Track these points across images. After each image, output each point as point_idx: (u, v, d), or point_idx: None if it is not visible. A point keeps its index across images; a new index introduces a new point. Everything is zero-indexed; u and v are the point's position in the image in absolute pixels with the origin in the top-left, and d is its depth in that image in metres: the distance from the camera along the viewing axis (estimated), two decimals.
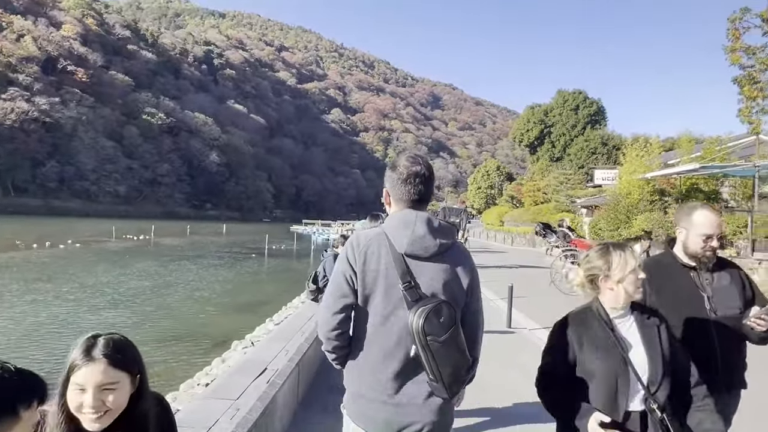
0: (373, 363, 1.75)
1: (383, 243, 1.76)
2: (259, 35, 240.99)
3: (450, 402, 1.79)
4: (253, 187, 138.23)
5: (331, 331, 1.79)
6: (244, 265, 25.64)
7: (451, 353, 1.68)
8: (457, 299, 1.77)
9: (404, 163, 1.83)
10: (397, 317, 1.72)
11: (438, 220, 1.83)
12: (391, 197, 1.88)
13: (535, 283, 15.23)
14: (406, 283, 1.70)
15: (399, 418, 1.72)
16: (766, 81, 16.00)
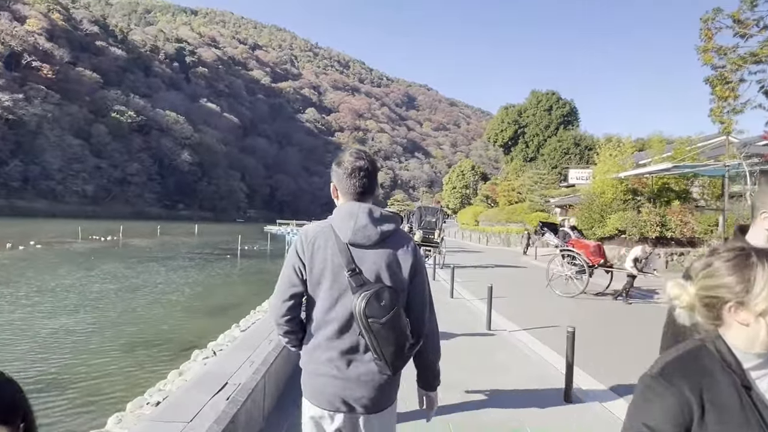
0: (325, 344, 1.90)
1: (329, 235, 1.91)
2: (233, 33, 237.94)
3: (394, 378, 1.94)
4: (226, 186, 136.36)
5: (281, 317, 1.96)
6: (215, 267, 24.98)
7: (392, 334, 1.82)
8: (400, 283, 1.90)
9: (349, 159, 1.96)
10: (344, 302, 1.87)
11: (379, 210, 1.95)
12: (339, 191, 2.00)
13: (513, 283, 15.11)
14: (350, 271, 1.85)
15: (347, 392, 1.88)
16: (737, 81, 16.17)
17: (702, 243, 20.28)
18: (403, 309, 1.90)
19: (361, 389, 1.88)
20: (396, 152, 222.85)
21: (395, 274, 1.90)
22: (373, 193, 2.01)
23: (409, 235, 2.10)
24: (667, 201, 22.75)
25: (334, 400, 1.89)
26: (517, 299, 11.45)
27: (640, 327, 8.97)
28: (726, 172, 19.28)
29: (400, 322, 1.84)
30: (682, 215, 20.16)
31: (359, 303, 1.79)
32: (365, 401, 1.89)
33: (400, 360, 1.88)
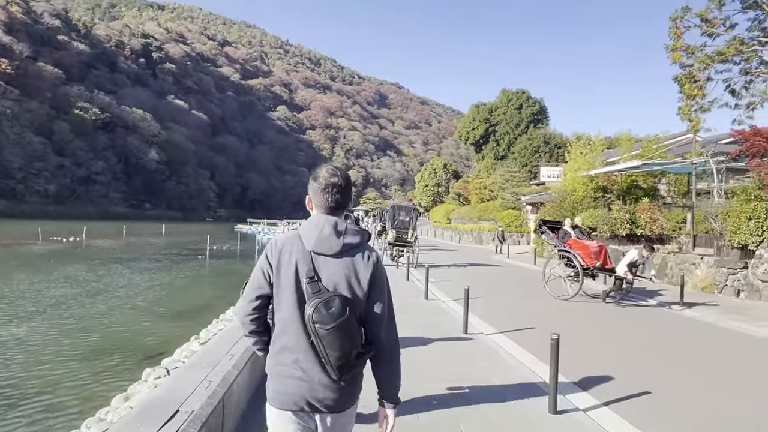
0: (287, 347, 1.98)
1: (296, 242, 2.02)
2: (201, 29, 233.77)
3: (355, 381, 2.03)
4: (195, 185, 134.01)
5: (246, 317, 2.05)
6: (182, 268, 24.24)
7: (338, 341, 1.89)
8: (356, 293, 1.99)
9: (324, 175, 2.07)
10: (304, 307, 1.94)
11: (345, 224, 2.04)
12: (313, 203, 2.10)
13: (488, 282, 14.93)
14: (308, 278, 1.95)
15: (312, 393, 1.96)
16: (704, 80, 16.32)
17: (671, 240, 20.52)
18: (359, 319, 2.00)
19: (325, 391, 1.96)
20: (368, 150, 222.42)
21: (353, 284, 1.99)
22: (345, 208, 2.11)
23: (373, 249, 2.13)
24: (636, 198, 22.97)
25: (300, 401, 1.97)
26: (493, 299, 11.25)
27: (623, 330, 8.85)
28: (693, 170, 19.54)
29: (348, 330, 1.92)
30: (651, 212, 20.34)
31: (309, 310, 1.90)
32: (328, 402, 1.98)
33: (345, 366, 1.94)
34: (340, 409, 2.02)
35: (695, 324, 9.55)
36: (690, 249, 16.13)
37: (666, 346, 7.46)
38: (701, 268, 14.49)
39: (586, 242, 12.28)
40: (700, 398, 5.09)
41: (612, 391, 5.04)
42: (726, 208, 14.59)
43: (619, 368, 6.04)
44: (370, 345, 2.04)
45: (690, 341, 7.91)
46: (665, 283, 15.68)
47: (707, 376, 5.95)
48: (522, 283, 15.51)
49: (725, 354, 7.16)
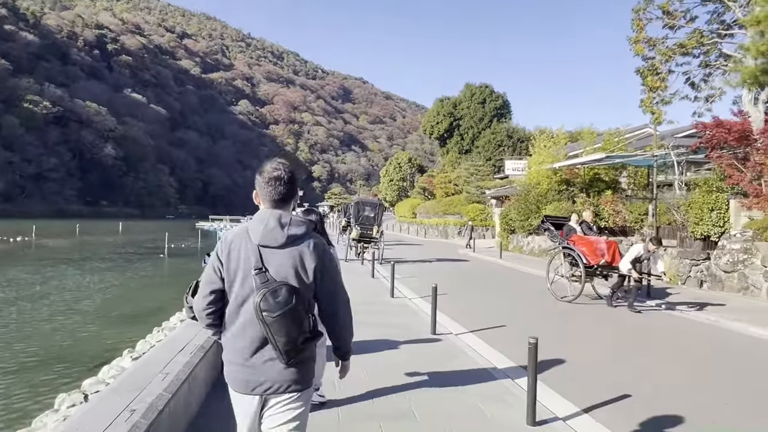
0: (236, 335, 2.12)
1: (244, 237, 2.13)
2: (159, 20, 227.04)
3: (302, 366, 2.13)
4: (154, 181, 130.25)
5: (202, 311, 2.19)
6: (137, 268, 23.18)
7: (285, 327, 2.01)
8: (303, 281, 2.10)
9: (268, 169, 2.17)
10: (251, 297, 2.06)
11: (290, 216, 2.14)
12: (259, 197, 2.20)
13: (456, 278, 14.59)
14: (257, 270, 2.05)
15: (253, 377, 2.09)
16: (666, 72, 16.37)
17: (633, 232, 20.70)
18: (306, 306, 2.11)
19: (264, 374, 2.08)
20: (333, 145, 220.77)
21: (300, 273, 2.10)
22: (290, 201, 2.21)
23: (318, 238, 2.22)
24: (599, 191, 23.14)
25: (245, 385, 2.11)
26: (462, 296, 10.90)
27: (605, 331, 8.60)
28: (654, 162, 19.71)
29: (294, 317, 2.03)
30: (614, 205, 20.47)
31: (256, 299, 2.01)
32: (269, 384, 2.09)
33: (293, 351, 2.05)
34: (290, 391, 2.13)
35: (696, 325, 9.42)
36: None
37: (640, 343, 7.24)
38: (665, 259, 14.50)
39: (592, 238, 11.06)
40: (682, 399, 4.81)
41: (593, 397, 4.70)
42: (688, 200, 14.68)
43: (595, 370, 5.74)
44: (317, 331, 2.14)
45: (677, 341, 7.72)
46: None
47: (688, 376, 5.71)
48: (490, 278, 15.27)
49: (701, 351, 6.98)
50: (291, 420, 2.15)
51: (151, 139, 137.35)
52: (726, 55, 15.90)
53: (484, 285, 13.50)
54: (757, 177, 12.59)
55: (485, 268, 18.10)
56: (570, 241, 10.89)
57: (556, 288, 11.17)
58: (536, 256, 22.15)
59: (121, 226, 58.85)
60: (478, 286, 13.10)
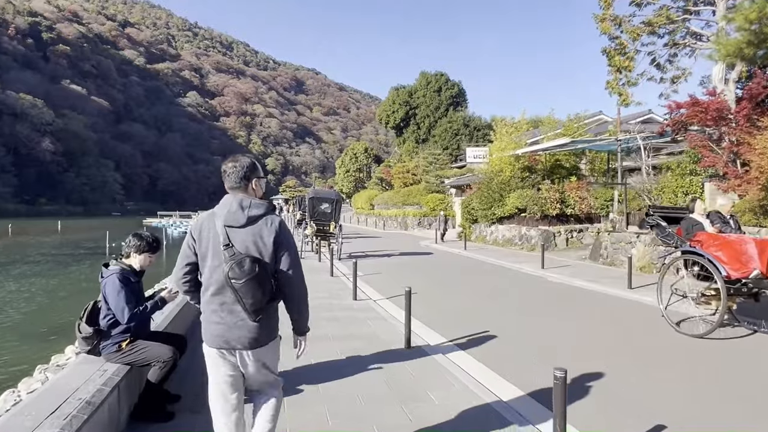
0: (211, 299, 2.62)
1: (212, 219, 2.65)
2: (98, 8, 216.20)
3: (267, 323, 2.64)
4: (98, 177, 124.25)
5: (179, 280, 2.73)
6: (70, 273, 21.14)
7: (250, 291, 2.50)
8: (264, 254, 2.60)
9: (226, 162, 2.74)
10: (221, 268, 2.55)
11: (249, 200, 2.65)
12: (226, 184, 2.72)
13: (423, 274, 13.35)
14: (225, 246, 2.55)
15: (228, 334, 2.59)
16: (634, 51, 15.75)
17: (599, 218, 20.22)
18: (269, 273, 2.60)
19: (238, 331, 2.59)
20: (286, 137, 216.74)
21: (260, 247, 2.60)
22: (242, 186, 2.69)
23: (276, 217, 2.70)
24: (560, 178, 22.64)
25: (221, 341, 2.61)
26: (434, 296, 9.79)
27: (605, 326, 7.67)
28: (617, 147, 19.23)
29: (259, 282, 2.51)
30: (580, 191, 19.93)
31: (226, 268, 2.51)
32: (243, 340, 2.60)
33: (259, 310, 2.56)
34: (259, 345, 2.65)
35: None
36: (624, 227, 15.61)
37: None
38: (638, 247, 13.90)
39: (732, 236, 6.96)
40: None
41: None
42: (660, 184, 14.10)
43: (642, 392, 4.75)
44: (284, 294, 2.71)
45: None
46: (601, 264, 15.05)
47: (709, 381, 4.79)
48: (460, 272, 14.28)
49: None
50: (263, 366, 2.71)
51: (94, 132, 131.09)
52: (694, 33, 15.40)
53: (454, 281, 12.49)
54: (733, 158, 12.06)
55: (452, 260, 17.14)
56: (695, 242, 7.16)
57: (675, 315, 7.43)
58: (500, 246, 21.43)
59: (60, 224, 55.34)
60: (449, 283, 12.07)
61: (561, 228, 19.21)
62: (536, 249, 19.03)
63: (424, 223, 34.69)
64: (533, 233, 19.58)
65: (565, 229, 19.25)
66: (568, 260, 15.86)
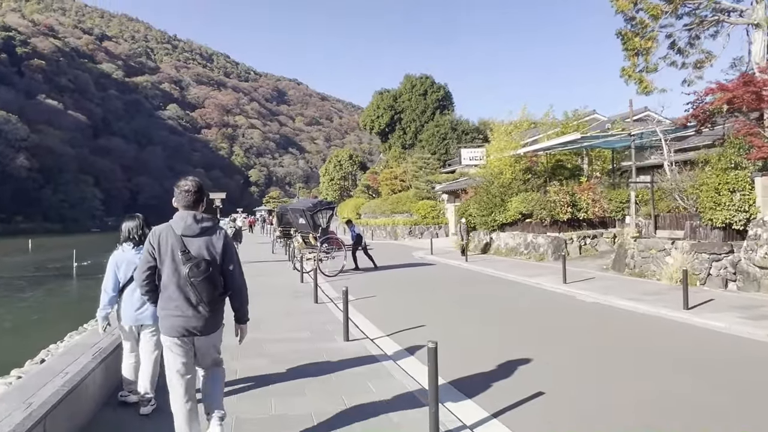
0: (171, 296, 3.25)
1: (170, 230, 3.30)
2: (75, 22, 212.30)
3: (216, 314, 3.38)
4: (76, 193, 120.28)
5: (141, 282, 3.35)
6: (22, 299, 18.64)
7: (206, 287, 3.20)
8: (214, 257, 3.30)
9: (182, 183, 3.43)
10: (179, 270, 3.21)
11: (201, 215, 3.37)
12: (177, 203, 3.40)
13: (429, 295, 10.97)
14: (182, 252, 3.22)
15: (188, 324, 3.26)
16: (657, 29, 13.84)
17: (614, 223, 18.27)
18: (219, 272, 3.32)
19: (195, 321, 3.26)
20: (269, 148, 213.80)
21: (212, 251, 3.31)
22: (198, 205, 3.40)
23: (222, 228, 3.49)
24: (563, 179, 20.75)
25: (181, 330, 3.26)
26: (451, 332, 7.63)
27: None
28: (631, 142, 17.33)
29: (212, 280, 3.23)
30: (592, 193, 17.97)
31: (185, 269, 3.18)
32: (199, 328, 3.28)
33: (212, 302, 3.27)
34: (209, 332, 3.37)
35: None
36: (652, 232, 13.62)
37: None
38: (674, 255, 11.89)
39: None
40: None
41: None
42: (698, 181, 12.12)
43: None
44: (230, 289, 3.43)
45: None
46: (627, 275, 13.02)
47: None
48: (472, 292, 12.13)
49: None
50: (213, 348, 3.50)
51: (71, 147, 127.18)
52: (722, 10, 13.54)
53: (470, 304, 10.31)
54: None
55: (456, 275, 15.00)
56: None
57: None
58: (503, 255, 19.36)
59: (32, 243, 52.21)
60: (464, 308, 9.90)
61: (573, 234, 17.23)
62: (545, 258, 17.01)
63: (416, 232, 32.57)
64: (541, 241, 17.56)
65: (577, 235, 17.27)
66: (588, 271, 13.83)
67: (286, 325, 7.79)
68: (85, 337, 5.74)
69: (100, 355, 4.59)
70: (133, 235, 4.46)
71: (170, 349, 3.29)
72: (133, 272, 4.02)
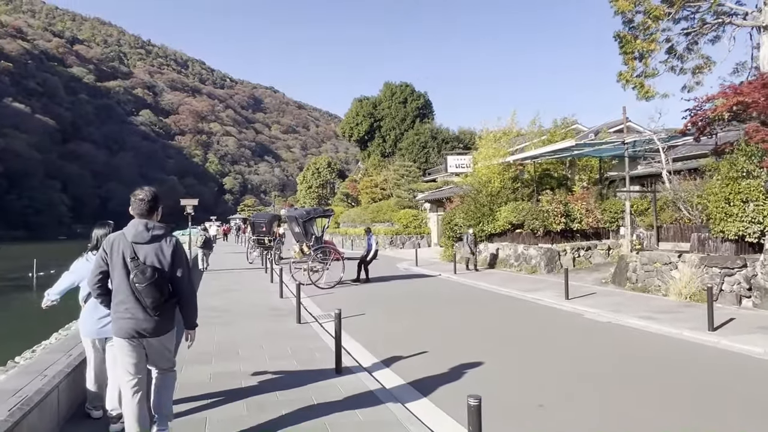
0: (121, 299, 3.42)
1: (122, 237, 3.47)
2: (45, 24, 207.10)
3: (165, 318, 3.51)
4: (42, 199, 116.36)
5: (94, 285, 3.50)
6: None
7: (150, 293, 3.35)
8: (164, 265, 3.45)
9: (137, 193, 3.60)
10: (129, 275, 3.37)
11: (153, 224, 3.54)
12: (132, 211, 3.55)
13: (423, 314, 9.76)
14: (131, 258, 3.39)
15: (136, 326, 3.41)
16: (659, 31, 13.21)
17: (608, 234, 17.58)
18: (167, 279, 3.46)
19: (145, 324, 3.41)
20: (245, 156, 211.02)
21: (160, 258, 3.45)
22: (151, 214, 3.58)
23: (173, 237, 3.62)
24: (551, 188, 20.09)
25: (132, 332, 3.41)
26: (476, 365, 6.62)
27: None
28: (624, 151, 16.71)
29: (157, 286, 3.36)
30: (585, 202, 17.26)
31: (132, 275, 3.34)
32: (150, 330, 3.43)
33: (157, 307, 3.40)
34: (159, 334, 3.50)
35: None
36: (654, 244, 12.90)
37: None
38: (681, 269, 11.14)
39: None
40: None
41: None
42: (706, 190, 11.44)
43: None
44: (178, 295, 3.57)
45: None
46: (629, 290, 12.24)
47: None
48: (470, 310, 11.16)
49: None
50: (165, 349, 3.61)
51: (39, 152, 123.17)
52: (723, 13, 13.00)
53: (478, 327, 9.36)
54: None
55: (451, 289, 14.02)
56: None
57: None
58: (492, 267, 18.48)
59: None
60: (474, 332, 8.91)
61: (566, 246, 16.46)
62: (538, 271, 16.19)
63: (397, 242, 31.59)
64: (533, 252, 16.75)
65: (571, 247, 16.50)
66: (586, 285, 13.03)
67: (267, 352, 6.71)
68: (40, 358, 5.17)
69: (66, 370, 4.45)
70: (101, 243, 4.15)
71: (121, 349, 3.46)
72: None
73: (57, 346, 5.49)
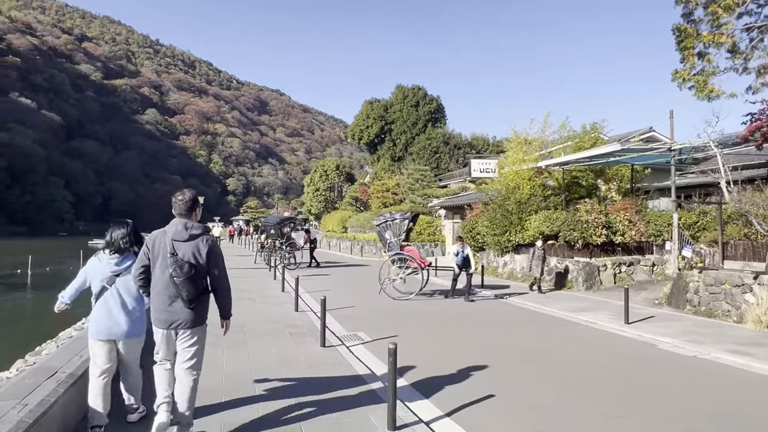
0: (159, 292, 3.73)
1: (163, 234, 3.78)
2: (54, 21, 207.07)
3: (199, 310, 3.79)
4: (45, 195, 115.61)
5: (136, 278, 3.82)
6: None
7: (186, 286, 3.64)
8: (200, 262, 3.76)
9: (177, 194, 3.93)
10: (168, 269, 3.67)
11: (192, 223, 3.85)
12: (173, 210, 3.87)
13: (469, 346, 7.79)
14: (171, 254, 3.69)
15: (172, 317, 3.72)
16: (731, 22, 11.77)
17: (650, 248, 16.07)
18: (203, 274, 3.77)
19: (179, 315, 3.70)
20: (249, 158, 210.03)
21: (197, 256, 3.75)
22: (190, 214, 3.89)
23: (209, 236, 3.89)
24: (579, 197, 18.65)
25: (167, 323, 3.72)
26: (562, 419, 5.19)
27: None
28: (671, 158, 15.27)
29: (193, 280, 3.67)
30: (629, 213, 15.77)
31: (170, 270, 3.65)
32: (182, 321, 3.72)
33: (193, 300, 3.69)
34: (193, 325, 3.78)
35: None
36: (719, 262, 11.40)
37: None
38: (757, 292, 9.64)
39: None
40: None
41: None
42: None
43: None
44: (214, 289, 3.89)
45: None
46: (690, 314, 10.74)
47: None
48: (516, 337, 9.67)
49: None
50: (194, 343, 3.80)
51: (42, 148, 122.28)
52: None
53: (538, 359, 7.87)
54: None
55: (487, 309, 12.49)
56: None
57: None
58: (519, 281, 16.99)
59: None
60: (537, 365, 7.41)
61: (607, 260, 14.96)
62: (574, 287, 14.70)
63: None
64: (569, 267, 15.25)
65: (611, 261, 15.00)
66: (637, 306, 11.53)
67: (286, 391, 5.24)
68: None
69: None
70: (117, 243, 4.20)
71: (159, 338, 3.79)
72: (104, 284, 4.03)
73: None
